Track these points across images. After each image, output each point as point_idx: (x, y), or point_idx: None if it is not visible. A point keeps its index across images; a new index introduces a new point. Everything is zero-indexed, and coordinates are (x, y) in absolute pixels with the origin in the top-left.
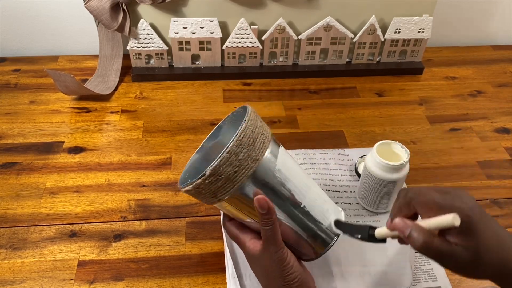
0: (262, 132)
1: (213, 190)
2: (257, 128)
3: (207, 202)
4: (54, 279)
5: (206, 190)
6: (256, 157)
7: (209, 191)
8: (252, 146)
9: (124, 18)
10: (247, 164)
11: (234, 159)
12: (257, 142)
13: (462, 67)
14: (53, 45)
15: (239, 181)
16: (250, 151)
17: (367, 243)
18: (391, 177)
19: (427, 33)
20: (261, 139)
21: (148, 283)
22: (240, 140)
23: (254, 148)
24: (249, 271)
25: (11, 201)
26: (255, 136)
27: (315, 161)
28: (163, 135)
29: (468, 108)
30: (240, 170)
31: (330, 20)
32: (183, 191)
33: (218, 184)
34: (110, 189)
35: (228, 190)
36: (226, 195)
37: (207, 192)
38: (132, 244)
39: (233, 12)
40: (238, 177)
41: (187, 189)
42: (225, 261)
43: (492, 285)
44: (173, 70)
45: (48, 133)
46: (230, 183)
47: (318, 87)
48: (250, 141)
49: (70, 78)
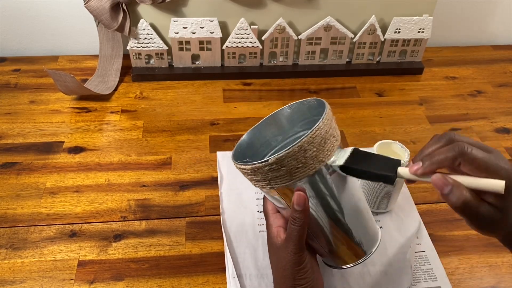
0: (334, 135)
1: (269, 177)
2: (330, 129)
3: (255, 184)
4: (54, 279)
5: (262, 175)
6: (322, 159)
7: (265, 177)
8: (322, 146)
9: (124, 18)
10: (311, 163)
11: (301, 155)
12: (327, 143)
13: (462, 67)
14: (53, 45)
15: (297, 177)
16: (318, 151)
17: None
18: None
19: (427, 33)
20: (331, 141)
21: (148, 283)
22: (313, 138)
23: (323, 149)
24: (250, 271)
25: (11, 201)
26: (327, 137)
27: None
28: (163, 135)
29: (468, 108)
30: (303, 167)
31: (330, 20)
32: (238, 168)
33: (277, 174)
34: (110, 189)
35: (284, 182)
36: (279, 185)
37: (262, 177)
38: (132, 244)
39: (233, 12)
40: (299, 173)
41: (243, 167)
42: (225, 261)
43: (493, 285)
44: (173, 70)
45: (48, 133)
46: (288, 176)
47: (318, 87)
48: (322, 141)
49: (70, 78)
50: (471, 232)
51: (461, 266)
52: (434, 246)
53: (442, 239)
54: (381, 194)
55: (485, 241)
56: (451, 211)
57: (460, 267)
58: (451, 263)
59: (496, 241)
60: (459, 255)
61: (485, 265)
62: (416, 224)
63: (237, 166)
